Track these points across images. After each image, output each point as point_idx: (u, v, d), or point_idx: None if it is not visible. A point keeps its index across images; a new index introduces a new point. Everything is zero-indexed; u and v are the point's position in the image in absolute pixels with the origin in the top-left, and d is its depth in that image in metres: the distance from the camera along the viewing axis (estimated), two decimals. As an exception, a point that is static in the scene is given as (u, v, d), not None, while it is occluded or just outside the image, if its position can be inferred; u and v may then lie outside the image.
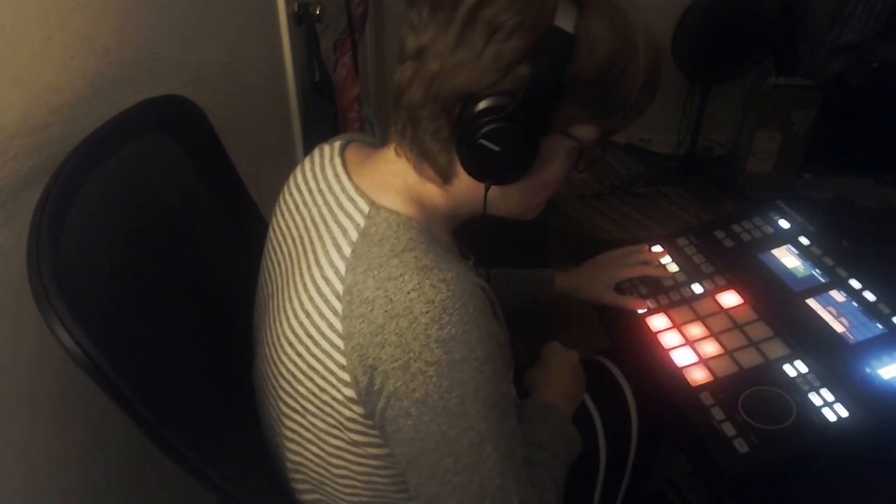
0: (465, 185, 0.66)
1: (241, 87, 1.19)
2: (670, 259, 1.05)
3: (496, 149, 0.60)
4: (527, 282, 1.07)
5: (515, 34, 0.57)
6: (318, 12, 1.38)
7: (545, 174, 0.66)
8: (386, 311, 0.58)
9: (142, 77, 0.87)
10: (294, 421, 0.71)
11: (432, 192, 0.68)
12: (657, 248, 1.08)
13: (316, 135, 1.45)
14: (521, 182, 0.64)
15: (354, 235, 0.64)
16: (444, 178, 0.66)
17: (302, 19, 1.38)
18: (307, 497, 0.77)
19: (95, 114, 0.75)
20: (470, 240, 0.79)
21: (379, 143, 0.75)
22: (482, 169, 0.63)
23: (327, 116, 1.49)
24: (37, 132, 0.70)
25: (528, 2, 0.58)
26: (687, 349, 0.89)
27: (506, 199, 0.68)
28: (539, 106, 0.60)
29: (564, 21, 0.57)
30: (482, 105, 0.59)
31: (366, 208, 0.65)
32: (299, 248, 0.70)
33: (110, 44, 0.81)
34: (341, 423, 0.66)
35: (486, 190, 0.65)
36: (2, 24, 0.64)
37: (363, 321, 0.59)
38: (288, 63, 1.37)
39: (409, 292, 0.58)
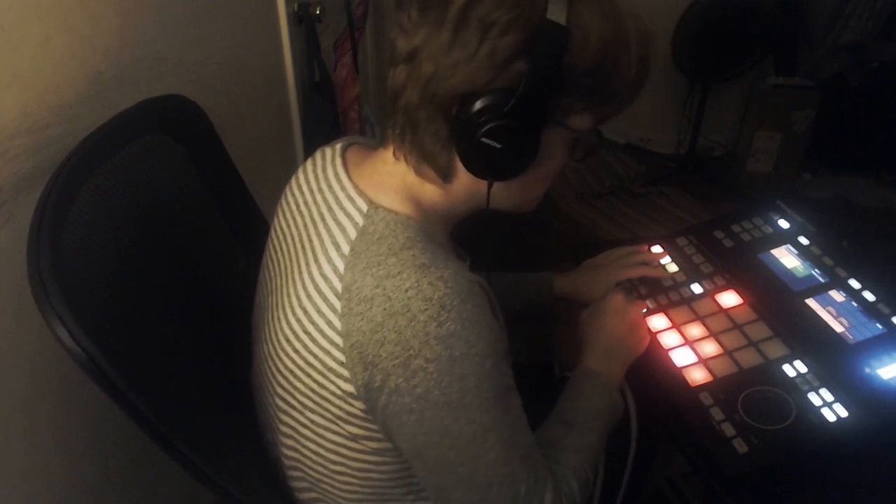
0: (464, 183, 0.67)
1: (241, 87, 1.19)
2: (670, 259, 1.05)
3: (498, 146, 0.60)
4: (527, 285, 1.07)
5: (509, 30, 0.58)
6: (318, 12, 1.38)
7: (545, 166, 0.67)
8: (384, 308, 0.59)
9: (142, 77, 0.87)
10: (291, 417, 0.71)
11: (431, 191, 0.69)
12: (657, 249, 1.08)
13: (316, 135, 1.45)
14: (521, 176, 0.65)
15: (353, 234, 0.64)
16: (444, 177, 0.67)
17: (302, 19, 1.38)
18: (305, 495, 0.77)
19: (95, 114, 0.75)
20: (471, 243, 0.79)
21: (379, 144, 0.75)
22: (484, 167, 0.63)
23: (327, 116, 1.48)
24: (37, 132, 0.70)
25: None
26: (686, 349, 0.89)
27: (507, 194, 0.68)
28: (537, 100, 0.60)
29: (556, 14, 0.57)
30: (480, 103, 0.59)
31: (364, 207, 0.66)
32: (299, 246, 0.70)
33: (110, 44, 0.81)
34: (339, 418, 0.66)
35: (490, 187, 0.66)
36: (2, 24, 0.64)
37: (362, 319, 0.60)
38: (288, 63, 1.37)
39: (406, 290, 0.59)
